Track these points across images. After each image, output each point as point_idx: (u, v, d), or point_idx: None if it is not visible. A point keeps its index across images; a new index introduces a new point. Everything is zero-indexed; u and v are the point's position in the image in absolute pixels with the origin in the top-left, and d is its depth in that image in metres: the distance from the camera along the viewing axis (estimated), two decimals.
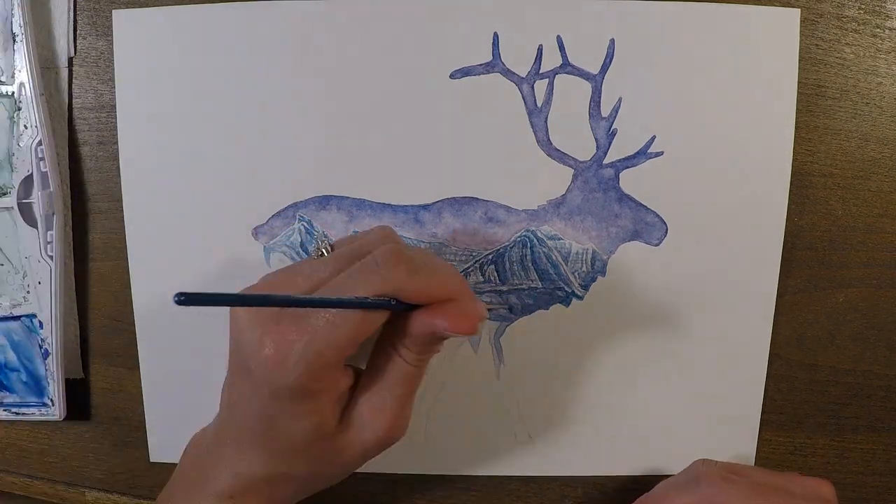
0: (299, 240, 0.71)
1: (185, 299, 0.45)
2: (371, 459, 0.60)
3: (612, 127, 0.69)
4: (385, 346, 0.58)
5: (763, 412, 0.74)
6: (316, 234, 0.57)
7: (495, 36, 0.68)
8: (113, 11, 0.71)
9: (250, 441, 0.57)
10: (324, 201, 0.71)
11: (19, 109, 0.72)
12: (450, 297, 0.54)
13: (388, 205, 0.71)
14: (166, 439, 0.76)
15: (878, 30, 0.69)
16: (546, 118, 0.69)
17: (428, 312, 0.54)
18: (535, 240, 0.71)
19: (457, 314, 0.53)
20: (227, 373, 0.58)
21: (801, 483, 0.67)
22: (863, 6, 0.69)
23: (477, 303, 0.56)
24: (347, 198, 0.71)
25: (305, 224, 0.71)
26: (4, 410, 0.77)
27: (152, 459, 0.77)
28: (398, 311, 0.54)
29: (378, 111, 0.70)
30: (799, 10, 0.68)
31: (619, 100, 0.69)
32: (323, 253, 0.57)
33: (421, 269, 0.53)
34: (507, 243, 0.71)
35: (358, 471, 0.60)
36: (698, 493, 0.65)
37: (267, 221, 0.72)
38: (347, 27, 0.69)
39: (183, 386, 0.75)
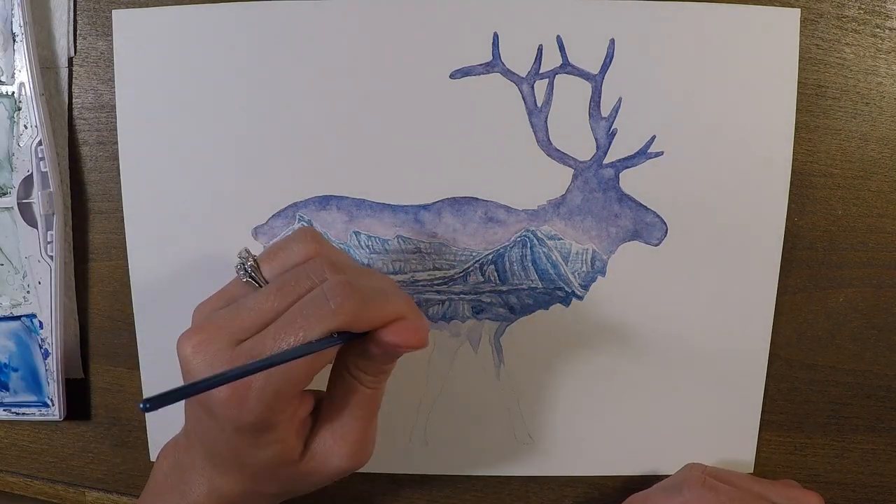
0: None
1: (151, 405, 0.44)
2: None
3: (612, 127, 0.69)
4: (341, 372, 0.58)
5: (763, 412, 0.74)
6: (240, 254, 0.55)
7: (495, 36, 0.68)
8: (113, 11, 0.70)
9: (222, 463, 0.57)
10: (324, 201, 0.71)
11: (19, 109, 0.72)
12: (399, 318, 0.53)
13: (388, 205, 0.71)
14: (166, 439, 0.76)
15: (878, 30, 0.69)
16: (546, 118, 0.69)
17: (383, 334, 0.53)
18: (535, 240, 0.71)
19: (409, 331, 0.53)
20: (186, 403, 0.58)
21: (788, 494, 0.67)
22: (863, 6, 0.69)
23: (422, 317, 0.56)
24: (347, 198, 0.71)
25: (305, 224, 0.71)
26: (4, 410, 0.77)
27: (153, 459, 0.77)
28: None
29: (378, 111, 0.70)
30: (799, 10, 0.68)
31: (619, 100, 0.69)
32: (248, 272, 0.55)
33: (371, 300, 0.52)
34: (507, 243, 0.71)
35: (358, 470, 0.60)
36: (679, 497, 0.65)
37: (267, 221, 0.72)
38: (347, 27, 0.69)
39: None
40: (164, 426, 0.75)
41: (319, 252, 0.56)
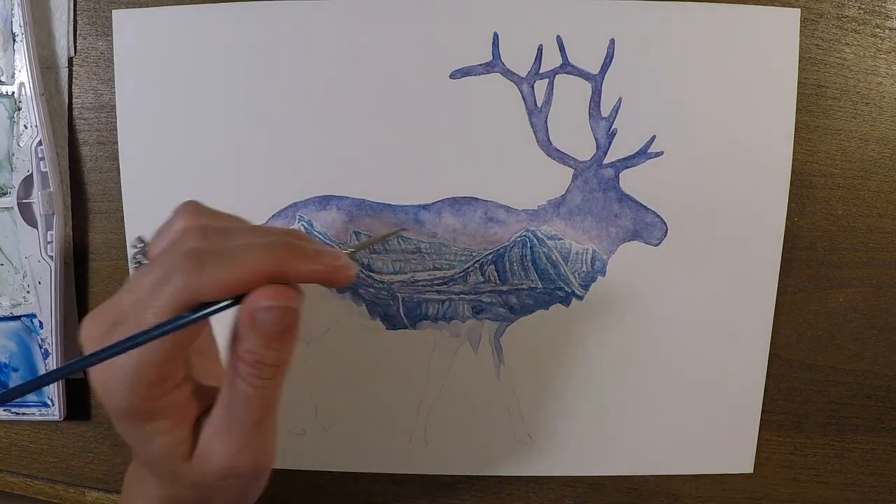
0: None
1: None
2: (240, 489, 0.54)
3: (612, 127, 0.69)
4: (228, 365, 0.50)
5: (763, 412, 0.74)
6: (133, 242, 0.53)
7: (495, 36, 0.68)
8: (113, 11, 0.70)
9: (141, 466, 0.55)
10: (324, 201, 0.70)
11: (19, 109, 0.71)
12: (269, 273, 0.45)
13: (388, 205, 0.70)
14: None
15: (878, 30, 0.69)
16: (546, 118, 0.69)
17: (247, 300, 0.45)
18: (535, 240, 0.70)
19: (265, 293, 0.45)
20: None
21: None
22: (863, 6, 0.69)
23: (316, 259, 0.47)
24: (347, 198, 0.70)
25: (305, 224, 0.71)
26: (4, 410, 0.77)
27: None
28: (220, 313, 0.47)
29: (378, 111, 0.69)
30: (799, 10, 0.67)
31: (619, 100, 0.68)
32: (136, 258, 0.52)
33: (212, 261, 0.45)
34: (507, 243, 0.71)
35: (357, 471, 0.59)
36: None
37: (267, 221, 0.71)
38: (348, 27, 0.69)
39: None
40: None
41: (193, 222, 0.50)
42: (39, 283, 0.73)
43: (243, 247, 0.46)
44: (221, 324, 0.49)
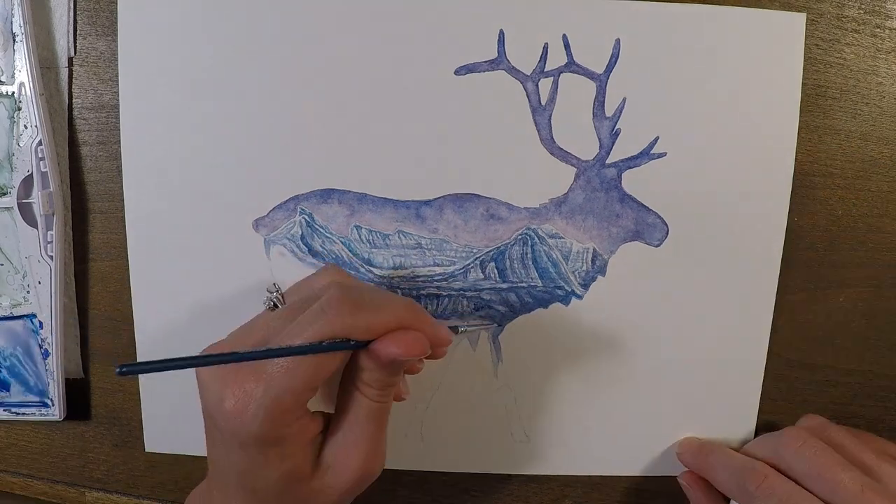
0: (300, 233, 0.68)
1: (127, 370, 0.46)
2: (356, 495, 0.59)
3: (616, 127, 0.66)
4: (348, 386, 0.57)
5: (763, 412, 0.71)
6: (269, 288, 0.59)
7: (501, 33, 0.65)
8: (119, 5, 0.67)
9: (234, 491, 0.56)
10: (325, 194, 0.68)
11: (19, 109, 0.69)
12: (400, 326, 0.53)
13: (390, 200, 0.68)
14: (162, 434, 0.74)
15: (878, 30, 0.67)
16: (550, 117, 0.66)
17: (378, 343, 0.53)
18: (535, 238, 0.68)
19: (403, 340, 0.52)
20: (205, 427, 0.57)
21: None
22: (863, 6, 0.66)
23: (435, 327, 0.56)
24: (349, 191, 0.68)
25: (307, 217, 0.68)
26: (4, 410, 0.74)
27: (148, 450, 0.74)
28: (353, 350, 0.54)
29: (382, 106, 0.67)
30: (804, 14, 0.65)
31: (624, 100, 0.66)
32: (274, 303, 0.58)
33: (365, 308, 0.52)
34: (508, 241, 0.68)
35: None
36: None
37: (268, 214, 0.68)
38: (352, 22, 0.66)
39: (181, 384, 0.71)
40: (160, 421, 0.74)
41: (335, 279, 0.59)
42: (39, 283, 0.70)
43: (385, 303, 0.54)
44: None
